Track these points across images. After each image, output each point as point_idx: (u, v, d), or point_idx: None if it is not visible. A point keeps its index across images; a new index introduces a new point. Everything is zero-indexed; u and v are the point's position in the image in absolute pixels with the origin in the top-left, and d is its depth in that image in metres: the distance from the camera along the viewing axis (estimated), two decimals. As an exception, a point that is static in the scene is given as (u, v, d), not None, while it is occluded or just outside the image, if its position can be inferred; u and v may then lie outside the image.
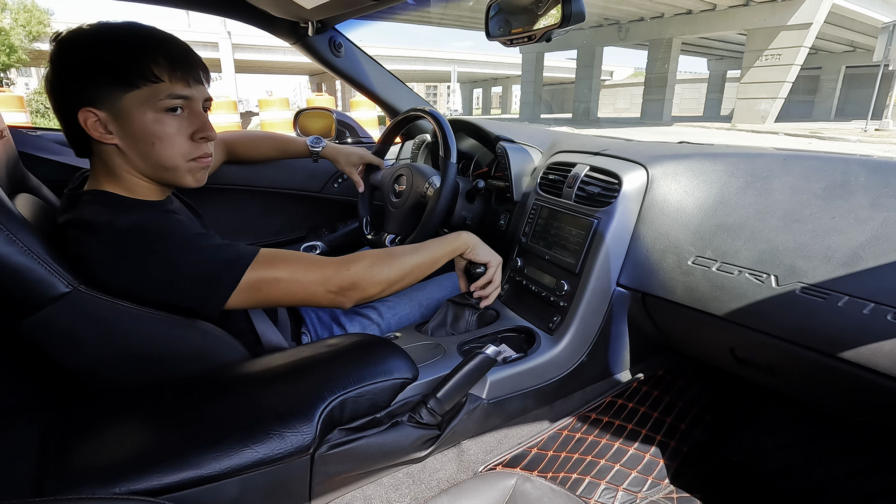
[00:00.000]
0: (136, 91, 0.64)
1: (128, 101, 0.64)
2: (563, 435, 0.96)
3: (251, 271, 0.65)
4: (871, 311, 0.59)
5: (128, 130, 0.65)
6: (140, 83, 0.64)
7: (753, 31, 16.58)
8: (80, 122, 0.64)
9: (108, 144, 0.67)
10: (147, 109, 0.65)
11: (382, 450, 0.67)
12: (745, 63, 17.30)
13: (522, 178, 1.18)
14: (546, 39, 0.89)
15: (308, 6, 1.08)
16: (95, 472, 0.49)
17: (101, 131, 0.65)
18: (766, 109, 16.59)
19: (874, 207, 0.66)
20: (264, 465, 0.55)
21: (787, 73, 15.75)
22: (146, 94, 0.64)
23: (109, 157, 0.68)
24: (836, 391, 0.74)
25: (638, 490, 1.06)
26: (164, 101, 0.65)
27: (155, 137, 0.66)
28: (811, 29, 14.82)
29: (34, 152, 1.15)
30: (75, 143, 0.69)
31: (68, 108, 0.65)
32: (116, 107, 0.64)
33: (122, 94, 0.64)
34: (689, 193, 0.84)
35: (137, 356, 0.65)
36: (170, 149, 0.68)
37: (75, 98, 0.64)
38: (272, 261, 0.67)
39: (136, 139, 0.66)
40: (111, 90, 0.63)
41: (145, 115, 0.65)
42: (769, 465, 1.12)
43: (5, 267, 0.54)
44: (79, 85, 0.64)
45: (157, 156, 0.68)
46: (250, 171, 1.39)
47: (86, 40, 0.64)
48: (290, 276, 0.67)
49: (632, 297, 0.90)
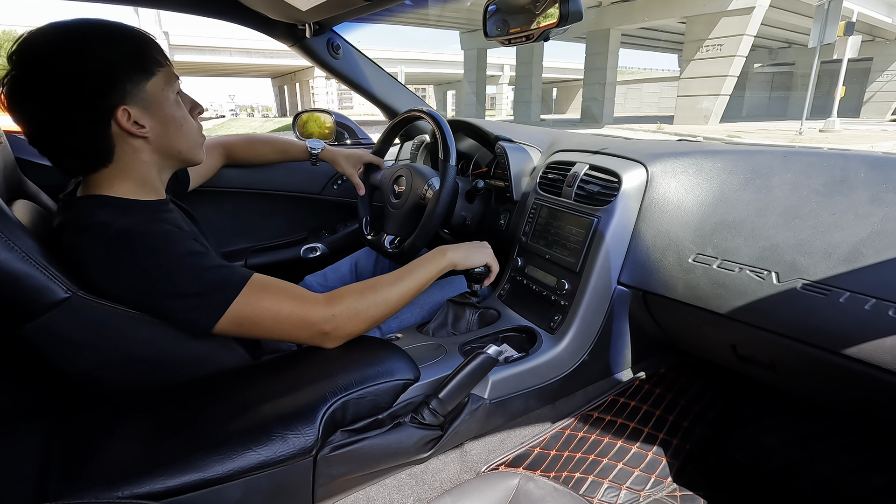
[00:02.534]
0: (154, 78, 0.66)
1: (151, 88, 0.65)
2: (565, 434, 0.96)
3: (238, 301, 0.63)
4: (872, 307, 0.59)
5: (159, 118, 0.67)
6: (155, 69, 0.66)
7: (693, 19, 14.85)
8: (118, 121, 0.63)
9: (138, 139, 0.66)
10: (168, 92, 0.68)
11: (385, 451, 0.67)
12: (685, 56, 15.54)
13: (522, 178, 1.18)
14: (544, 38, 0.89)
15: (304, 8, 1.08)
16: (98, 476, 0.49)
17: (135, 127, 0.65)
18: (709, 108, 15.14)
19: (874, 203, 0.65)
20: (267, 467, 0.55)
21: (729, 67, 14.34)
22: (162, 79, 0.67)
23: (134, 155, 0.67)
24: (839, 387, 0.74)
25: (641, 488, 1.06)
26: (174, 83, 0.69)
27: (181, 119, 0.70)
28: (754, 13, 13.41)
29: (31, 158, 1.15)
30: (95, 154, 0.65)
31: (97, 114, 0.62)
32: (143, 98, 0.65)
33: (145, 84, 0.65)
34: (689, 191, 0.84)
35: (138, 360, 0.65)
36: (191, 127, 0.72)
37: (107, 100, 0.62)
38: (260, 292, 0.65)
39: (166, 124, 0.68)
40: (136, 82, 0.64)
41: (168, 98, 0.68)
42: (772, 462, 1.12)
43: (4, 274, 0.54)
44: (110, 86, 0.62)
45: (184, 137, 0.71)
46: (249, 173, 1.39)
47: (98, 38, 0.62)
48: (274, 313, 0.65)
49: (633, 296, 0.90)
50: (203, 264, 0.63)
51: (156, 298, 0.62)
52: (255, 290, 0.64)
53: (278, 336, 0.68)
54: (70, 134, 0.63)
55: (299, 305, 0.67)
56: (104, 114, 0.63)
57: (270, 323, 0.65)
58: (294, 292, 0.68)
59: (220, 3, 1.20)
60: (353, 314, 0.70)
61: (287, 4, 1.07)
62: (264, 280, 0.67)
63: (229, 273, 0.65)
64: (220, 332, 0.64)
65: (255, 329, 0.66)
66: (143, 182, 0.70)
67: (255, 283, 0.65)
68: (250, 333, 0.66)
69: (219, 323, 0.63)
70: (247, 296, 0.64)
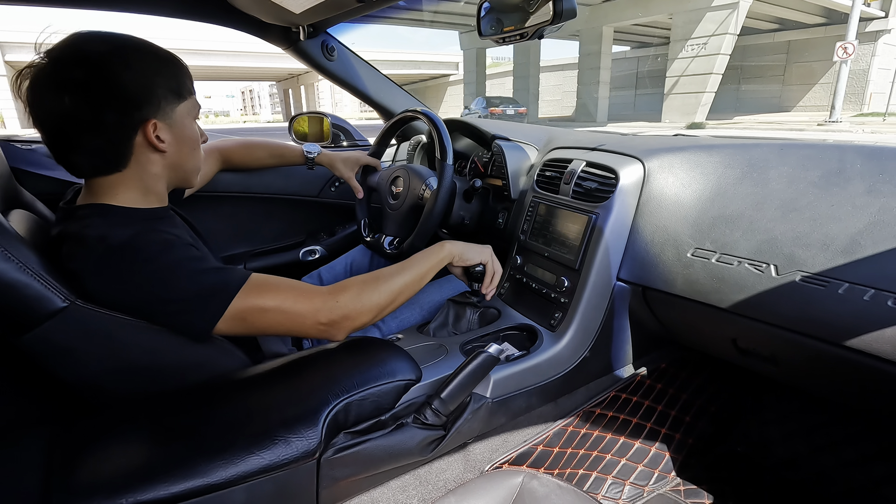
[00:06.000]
0: (185, 102, 0.71)
1: (179, 111, 0.70)
2: (568, 431, 0.96)
3: (237, 300, 0.63)
4: (871, 298, 0.59)
5: (179, 138, 0.71)
6: (186, 95, 0.71)
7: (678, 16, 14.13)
8: (145, 132, 0.66)
9: (156, 152, 0.69)
10: (192, 118, 0.73)
11: (388, 452, 0.67)
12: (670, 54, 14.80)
13: (519, 176, 1.18)
14: (539, 37, 0.89)
15: (297, 11, 1.08)
16: (101, 484, 0.49)
17: (157, 141, 0.68)
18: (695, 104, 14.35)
19: (871, 194, 0.66)
20: (271, 471, 0.55)
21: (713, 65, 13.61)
22: (189, 105, 0.72)
23: (146, 165, 0.69)
24: (839, 379, 0.74)
25: (645, 483, 1.07)
26: (196, 111, 0.74)
27: (196, 143, 0.75)
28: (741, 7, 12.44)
29: (27, 168, 1.15)
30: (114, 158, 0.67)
31: (129, 122, 0.65)
32: (171, 117, 0.69)
33: (176, 106, 0.70)
34: (687, 186, 0.84)
35: (138, 367, 0.65)
36: (199, 152, 0.77)
37: (143, 111, 0.65)
38: (260, 290, 0.65)
39: (183, 145, 0.72)
40: (170, 102, 0.69)
41: (191, 123, 0.73)
42: (775, 455, 1.12)
43: (2, 284, 0.53)
44: (149, 99, 0.66)
45: (193, 159, 0.76)
46: (247, 177, 1.39)
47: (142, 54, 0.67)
48: (276, 307, 0.65)
49: (632, 292, 0.90)
50: (200, 268, 0.64)
51: (154, 305, 0.62)
52: (255, 288, 0.65)
53: (285, 330, 0.68)
54: (95, 133, 0.64)
55: (303, 297, 0.67)
56: (136, 122, 0.66)
57: (276, 316, 0.66)
58: (295, 286, 0.69)
59: (213, 8, 1.20)
60: (358, 302, 0.70)
61: (280, 7, 1.07)
62: (263, 278, 0.67)
63: (227, 275, 0.65)
64: (222, 333, 0.65)
65: (260, 324, 0.66)
66: (147, 191, 0.71)
67: (254, 282, 0.65)
68: (256, 329, 0.67)
69: (220, 322, 0.63)
70: (246, 294, 0.64)
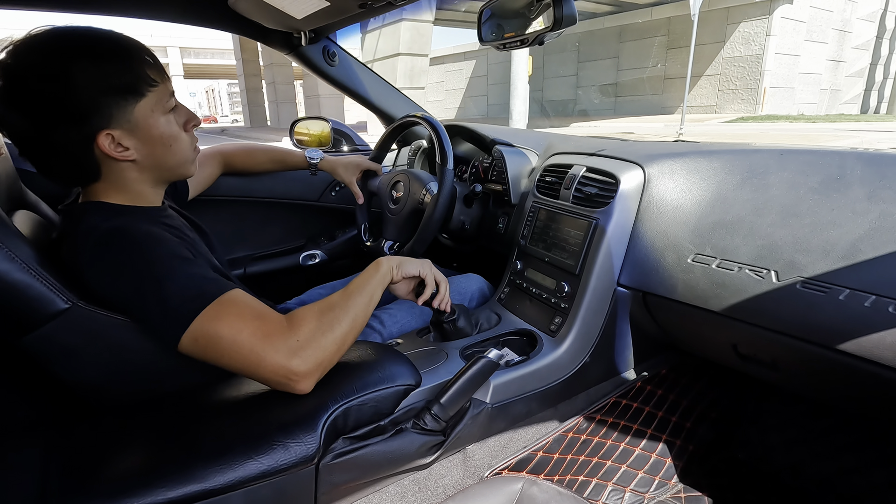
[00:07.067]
0: (144, 99, 0.63)
1: (139, 111, 0.63)
2: (568, 437, 0.96)
3: (201, 319, 0.56)
4: (872, 304, 0.59)
5: (145, 140, 0.65)
6: (146, 89, 0.63)
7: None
8: (100, 146, 0.61)
9: (123, 161, 0.64)
10: (158, 114, 0.65)
11: (387, 457, 0.66)
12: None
13: (520, 181, 1.18)
14: (539, 43, 0.89)
15: (299, 16, 1.08)
16: (98, 489, 0.49)
17: (118, 150, 0.63)
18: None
19: (871, 200, 0.66)
20: (269, 476, 0.55)
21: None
22: (153, 100, 0.64)
23: (121, 174, 0.66)
24: (840, 385, 0.74)
25: (645, 490, 1.06)
26: (168, 101, 0.66)
27: (171, 139, 0.67)
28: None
29: (32, 168, 1.15)
30: (81, 173, 0.64)
31: (79, 138, 0.60)
32: (129, 120, 0.62)
33: (132, 107, 0.62)
34: (687, 191, 0.85)
35: (138, 369, 0.65)
36: (182, 144, 0.69)
37: (89, 125, 0.60)
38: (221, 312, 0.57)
39: (154, 146, 0.66)
40: (123, 106, 0.61)
41: (158, 120, 0.65)
42: (776, 461, 1.12)
43: (5, 284, 0.54)
44: (93, 110, 0.59)
45: (172, 156, 0.68)
46: (248, 181, 1.39)
47: (84, 59, 0.58)
48: (229, 337, 0.56)
49: (633, 297, 0.90)
50: (183, 270, 0.60)
51: (133, 298, 0.59)
52: (223, 307, 0.58)
53: (239, 367, 0.58)
54: (52, 152, 0.61)
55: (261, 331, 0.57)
56: (86, 138, 0.60)
57: (227, 348, 0.57)
58: (262, 314, 0.59)
59: (215, 14, 1.21)
60: (320, 335, 0.60)
61: (282, 13, 1.08)
62: (234, 298, 0.59)
63: (205, 285, 0.59)
64: (185, 352, 0.58)
65: (212, 353, 0.57)
66: (137, 194, 0.69)
67: (226, 301, 0.58)
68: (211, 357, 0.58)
69: (183, 339, 0.57)
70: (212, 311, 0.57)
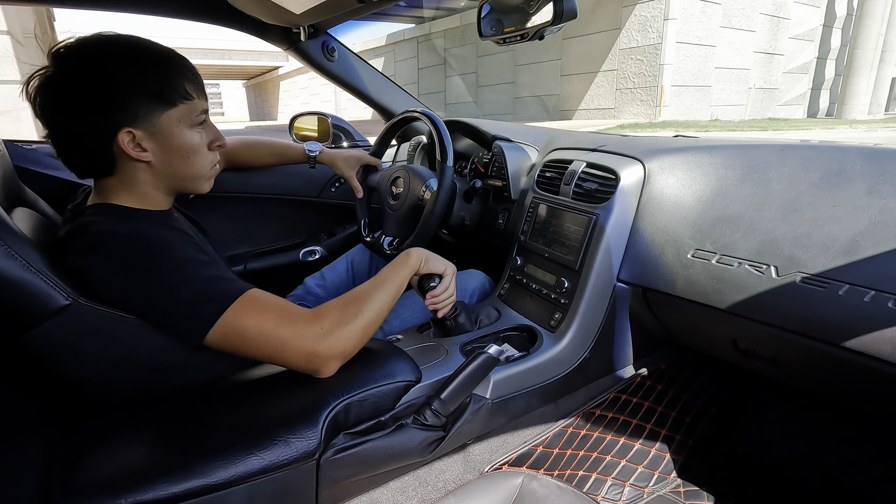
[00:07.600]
0: (173, 109, 0.66)
1: (166, 119, 0.66)
2: (568, 432, 0.96)
3: (228, 314, 0.61)
4: (871, 299, 0.59)
5: (165, 147, 0.67)
6: (178, 101, 0.66)
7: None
8: (119, 142, 0.63)
9: (139, 162, 0.67)
10: (184, 126, 0.68)
11: (388, 453, 0.67)
12: None
13: (520, 177, 1.18)
14: (539, 37, 0.89)
15: (298, 11, 1.08)
16: (101, 484, 0.49)
17: (136, 150, 0.65)
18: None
19: (872, 195, 0.66)
20: (271, 471, 0.55)
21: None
22: (183, 112, 0.67)
23: (134, 173, 0.68)
24: (840, 380, 0.74)
25: (645, 485, 1.06)
26: (197, 116, 0.69)
27: (191, 152, 0.69)
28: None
29: (30, 166, 1.15)
30: (97, 164, 0.67)
31: (101, 130, 0.63)
32: (154, 125, 0.65)
33: (161, 113, 0.65)
34: (687, 187, 0.84)
35: (140, 366, 0.65)
36: (201, 160, 0.71)
37: (114, 120, 0.63)
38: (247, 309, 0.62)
39: (172, 154, 0.68)
40: (152, 110, 0.64)
41: (183, 132, 0.68)
42: (776, 456, 1.12)
43: (5, 281, 0.54)
44: (120, 106, 0.63)
45: (188, 168, 0.70)
46: (248, 177, 1.39)
47: (122, 59, 0.63)
48: (258, 328, 0.61)
49: (633, 293, 0.90)
50: (201, 273, 0.63)
51: (151, 302, 0.61)
52: (244, 305, 0.62)
53: (266, 356, 0.63)
54: (74, 140, 0.64)
55: (285, 321, 0.63)
56: (107, 131, 0.63)
57: (256, 339, 0.61)
58: (283, 308, 0.64)
59: (213, 9, 1.20)
60: (343, 326, 0.65)
61: (281, 8, 1.07)
62: (257, 296, 0.64)
63: (225, 285, 0.63)
64: (214, 345, 0.62)
65: (242, 345, 0.62)
66: (146, 197, 0.70)
67: (248, 298, 0.63)
68: (239, 350, 0.63)
69: (209, 335, 0.61)
70: (235, 310, 0.61)
